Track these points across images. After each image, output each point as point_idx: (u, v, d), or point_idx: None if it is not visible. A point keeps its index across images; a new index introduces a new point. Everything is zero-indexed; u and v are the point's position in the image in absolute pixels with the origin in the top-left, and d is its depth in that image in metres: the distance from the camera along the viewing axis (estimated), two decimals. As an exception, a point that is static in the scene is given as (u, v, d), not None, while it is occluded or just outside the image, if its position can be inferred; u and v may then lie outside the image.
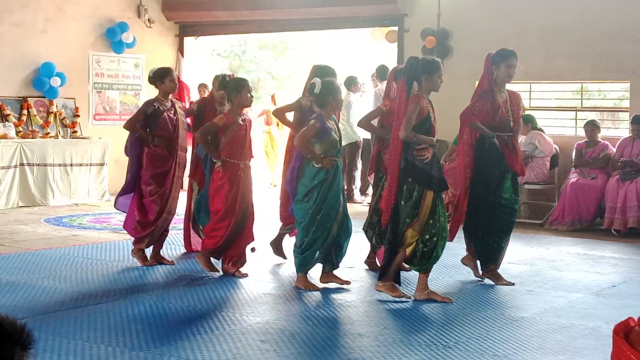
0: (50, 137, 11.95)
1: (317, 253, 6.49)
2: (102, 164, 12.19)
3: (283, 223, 7.57)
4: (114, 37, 13.09)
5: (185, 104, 13.13)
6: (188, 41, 14.36)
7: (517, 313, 5.94)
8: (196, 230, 7.91)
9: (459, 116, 6.86)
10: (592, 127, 10.30)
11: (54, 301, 6.04)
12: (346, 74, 12.75)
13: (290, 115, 7.73)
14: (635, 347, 2.76)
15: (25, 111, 11.97)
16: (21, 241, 8.61)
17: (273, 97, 15.89)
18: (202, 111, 7.71)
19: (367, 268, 7.35)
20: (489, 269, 6.88)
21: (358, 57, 19.54)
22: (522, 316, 5.83)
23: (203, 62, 15.12)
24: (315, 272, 6.69)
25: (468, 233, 6.92)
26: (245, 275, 6.97)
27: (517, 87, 10.92)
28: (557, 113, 11.58)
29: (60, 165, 11.67)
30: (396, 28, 12.42)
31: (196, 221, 7.82)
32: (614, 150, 10.19)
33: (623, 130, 11.41)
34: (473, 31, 11.46)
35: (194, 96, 13.72)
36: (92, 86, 13.05)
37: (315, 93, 6.54)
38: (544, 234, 9.77)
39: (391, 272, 6.21)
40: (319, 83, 6.51)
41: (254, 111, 14.76)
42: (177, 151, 7.40)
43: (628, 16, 10.43)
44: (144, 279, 6.91)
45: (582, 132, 10.52)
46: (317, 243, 6.46)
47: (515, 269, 7.39)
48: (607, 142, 10.31)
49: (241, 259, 7.05)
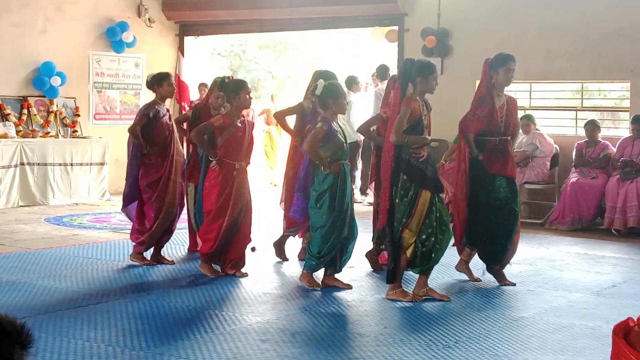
0: (50, 137, 11.95)
1: (330, 256, 6.51)
2: (103, 164, 12.19)
3: (288, 226, 7.53)
4: (114, 37, 13.08)
5: (185, 105, 13.18)
6: (188, 40, 14.35)
7: (518, 313, 5.95)
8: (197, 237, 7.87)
9: (459, 124, 6.86)
10: (593, 127, 10.29)
11: (54, 300, 6.05)
12: (346, 74, 12.75)
13: (291, 118, 7.71)
14: (634, 347, 2.76)
15: (25, 110, 11.97)
16: (21, 240, 8.61)
17: (272, 97, 15.87)
18: (198, 117, 7.66)
19: (368, 265, 7.34)
20: (494, 269, 6.89)
21: (358, 57, 19.53)
22: (523, 316, 5.84)
23: (203, 62, 15.12)
24: (318, 272, 6.68)
25: (469, 237, 6.90)
26: (245, 274, 6.96)
27: (517, 87, 10.94)
28: (557, 113, 11.58)
29: (60, 164, 11.67)
30: (396, 28, 12.41)
31: (198, 225, 7.77)
32: (614, 150, 10.19)
33: (623, 130, 11.41)
34: (473, 31, 11.45)
35: (194, 95, 13.72)
36: (93, 86, 13.04)
37: (316, 94, 6.53)
38: (544, 234, 9.77)
39: (398, 279, 6.21)
40: (321, 85, 6.50)
41: (255, 110, 14.72)
42: (174, 156, 7.40)
43: (628, 16, 10.43)
44: (144, 279, 6.91)
45: (583, 132, 10.51)
46: (335, 248, 6.48)
47: (515, 269, 7.39)
48: (608, 142, 10.30)
49: (241, 261, 7.03)
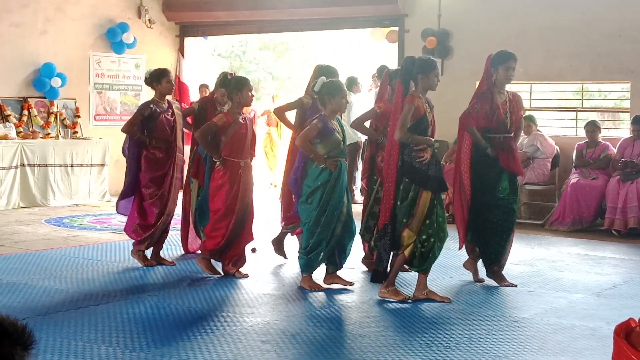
0: (50, 138, 11.95)
1: (322, 254, 6.49)
2: (103, 165, 12.19)
3: (286, 223, 7.54)
4: (115, 38, 13.09)
5: (184, 105, 13.15)
6: (190, 41, 14.35)
7: (518, 314, 5.94)
8: (197, 231, 7.87)
9: (459, 119, 6.84)
10: (593, 128, 10.29)
11: (55, 302, 6.05)
12: (347, 75, 12.75)
13: (291, 114, 7.72)
14: (636, 348, 2.75)
15: (25, 112, 11.97)
16: (22, 242, 8.61)
17: (274, 98, 15.86)
18: (203, 110, 7.68)
19: (366, 270, 7.34)
20: (493, 270, 6.88)
21: (358, 58, 19.52)
22: (523, 317, 5.83)
23: (204, 63, 15.12)
24: (318, 273, 6.68)
25: (469, 236, 6.90)
26: (245, 275, 6.96)
27: (518, 88, 10.93)
28: (558, 113, 11.58)
29: (60, 165, 11.67)
30: (396, 28, 12.41)
31: (198, 223, 7.77)
32: (615, 150, 10.19)
33: (624, 130, 11.40)
34: (473, 32, 11.46)
35: (194, 96, 13.71)
36: (93, 87, 13.05)
37: (314, 91, 6.54)
38: (545, 235, 9.76)
39: (392, 277, 6.21)
40: (320, 82, 6.49)
41: (257, 111, 14.70)
42: (175, 153, 7.39)
43: (628, 16, 10.43)
44: (145, 280, 6.91)
45: (583, 133, 10.51)
46: (322, 244, 6.44)
47: (515, 270, 7.39)
48: (608, 143, 10.30)
49: (241, 259, 7.04)
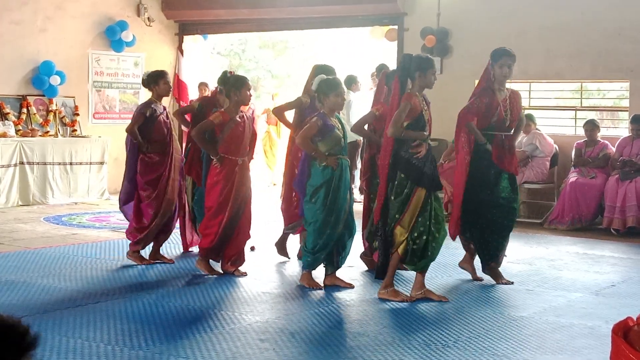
0: (49, 136, 11.94)
1: (326, 253, 6.50)
2: (102, 163, 12.19)
3: (285, 223, 7.53)
4: (114, 36, 13.08)
5: (183, 104, 13.15)
6: (189, 40, 14.33)
7: (517, 312, 5.95)
8: (196, 229, 7.87)
9: (458, 115, 6.84)
10: (592, 127, 10.29)
11: (54, 300, 6.05)
12: (346, 73, 12.75)
13: (290, 113, 7.72)
14: (634, 347, 2.76)
15: (24, 110, 11.97)
16: (21, 240, 8.61)
17: (273, 96, 15.85)
18: (203, 109, 7.68)
19: (365, 267, 7.32)
20: (490, 267, 6.88)
21: (358, 56, 19.51)
22: (522, 315, 5.84)
23: (203, 61, 15.11)
24: (318, 271, 6.68)
25: (467, 233, 6.90)
26: (244, 274, 6.96)
27: (517, 87, 10.92)
28: (557, 112, 11.58)
29: (59, 163, 11.67)
30: (396, 27, 12.41)
31: (197, 220, 7.78)
32: (614, 149, 10.19)
33: (622, 129, 11.40)
34: (473, 31, 11.45)
35: (193, 95, 13.70)
36: (92, 85, 13.04)
37: (313, 90, 6.56)
38: (544, 233, 9.77)
39: (389, 277, 6.20)
40: (317, 81, 6.50)
41: (256, 109, 14.66)
42: (172, 154, 7.40)
43: (628, 16, 10.43)
44: (144, 278, 6.91)
45: (582, 132, 10.51)
46: (330, 244, 6.46)
47: (514, 268, 7.39)
48: (607, 142, 10.30)
49: (240, 258, 7.03)
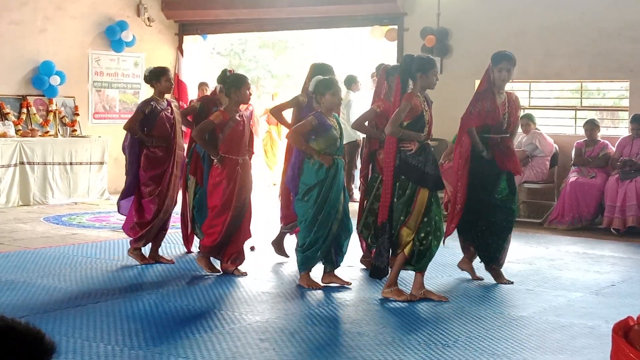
0: (49, 136, 11.94)
1: (319, 252, 6.50)
2: (102, 163, 12.19)
3: (284, 222, 7.54)
4: (114, 36, 13.08)
5: (184, 104, 13.13)
6: (189, 40, 14.33)
7: (517, 312, 5.95)
8: (194, 229, 7.83)
9: (460, 119, 6.84)
10: (592, 126, 10.29)
11: (53, 300, 6.05)
12: (346, 73, 12.75)
13: (288, 113, 7.72)
14: (634, 346, 2.76)
15: (24, 110, 11.96)
16: (20, 240, 8.61)
17: (273, 96, 15.84)
18: (205, 109, 7.68)
19: (364, 267, 7.33)
20: (492, 268, 6.88)
21: (357, 56, 19.51)
22: (522, 315, 5.84)
23: (203, 61, 15.10)
24: (317, 272, 6.68)
25: (466, 234, 6.89)
26: (244, 274, 6.96)
27: (517, 87, 10.94)
28: (557, 112, 11.58)
29: (59, 163, 11.67)
30: (396, 27, 12.40)
31: (196, 220, 7.74)
32: (614, 149, 10.19)
33: (622, 129, 11.40)
34: (473, 30, 11.45)
35: (193, 95, 13.69)
36: (92, 85, 13.04)
37: (310, 90, 6.58)
38: (544, 233, 9.77)
39: (394, 276, 6.20)
40: (315, 81, 6.52)
41: (256, 108, 14.64)
42: (175, 150, 7.40)
43: (627, 16, 10.43)
44: (143, 278, 6.91)
45: (582, 131, 10.51)
46: (319, 242, 6.45)
47: (514, 268, 7.39)
48: (607, 141, 10.30)
49: (240, 257, 7.04)
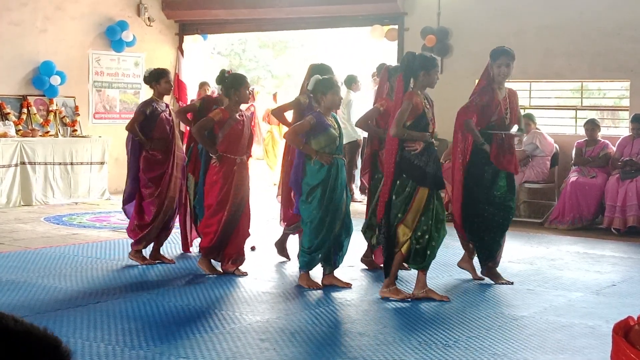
0: (50, 136, 11.94)
1: (322, 253, 6.50)
2: (102, 163, 12.18)
3: (287, 223, 7.53)
4: (114, 36, 13.07)
5: (182, 105, 13.13)
6: (189, 40, 14.32)
7: (517, 312, 5.94)
8: (196, 228, 7.83)
9: (457, 113, 6.84)
10: (592, 126, 10.29)
11: (54, 300, 6.05)
12: (346, 73, 12.75)
13: (289, 114, 7.72)
14: (635, 346, 2.76)
15: (25, 110, 11.96)
16: (21, 240, 8.61)
17: (275, 96, 15.84)
18: (205, 109, 7.68)
19: (365, 268, 7.33)
20: (488, 267, 6.88)
21: (358, 56, 19.52)
22: (522, 315, 5.84)
23: (203, 61, 15.10)
24: (316, 272, 6.68)
25: (466, 232, 6.89)
26: (244, 274, 6.96)
27: (517, 86, 10.92)
28: (557, 112, 11.58)
29: (60, 163, 11.66)
30: (396, 27, 12.40)
31: (197, 220, 7.74)
32: (614, 149, 10.18)
33: (623, 129, 11.40)
34: (473, 30, 11.45)
35: (193, 95, 13.69)
36: (92, 85, 13.04)
37: (309, 90, 6.59)
38: (544, 233, 9.76)
39: (392, 276, 6.20)
40: (313, 80, 6.53)
41: (257, 108, 14.61)
42: (175, 152, 7.40)
43: (627, 15, 10.42)
44: (144, 278, 6.91)
45: (582, 131, 10.51)
46: (326, 244, 6.47)
47: (515, 268, 7.39)
48: (607, 141, 10.30)
49: (240, 257, 7.03)
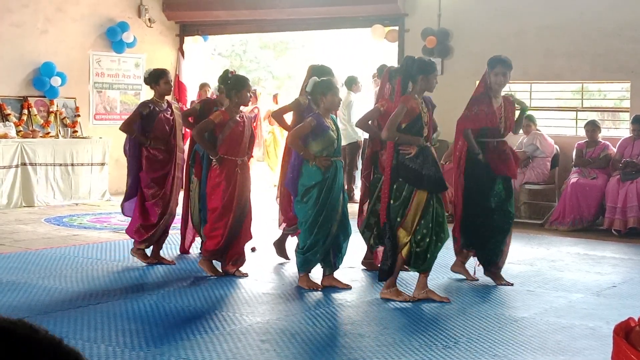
0: (50, 137, 11.94)
1: (318, 254, 6.49)
2: (103, 164, 12.19)
3: (287, 224, 7.53)
4: (115, 37, 13.08)
5: (183, 106, 13.12)
6: (190, 41, 14.32)
7: (518, 313, 5.94)
8: (198, 231, 7.79)
9: (456, 122, 6.85)
10: (593, 127, 10.28)
11: (54, 301, 6.05)
12: (346, 74, 12.76)
13: (289, 115, 7.73)
14: (635, 348, 2.76)
15: (25, 111, 11.96)
16: (21, 241, 8.61)
17: (275, 97, 15.83)
18: (204, 111, 7.68)
19: (365, 268, 7.34)
20: (491, 271, 6.88)
21: (358, 57, 19.52)
22: (523, 316, 5.83)
23: (204, 62, 15.10)
24: (316, 273, 6.68)
25: (464, 237, 6.89)
26: (245, 275, 6.96)
27: (517, 87, 10.94)
28: (558, 113, 11.58)
29: (60, 165, 11.67)
30: (396, 28, 12.40)
31: (202, 222, 7.67)
32: (615, 150, 10.18)
33: (623, 130, 11.41)
34: (473, 31, 11.45)
35: (193, 96, 13.69)
36: (93, 86, 13.04)
37: (307, 91, 6.58)
38: (545, 234, 9.76)
39: (393, 277, 6.20)
40: (312, 82, 6.53)
41: (260, 109, 14.61)
42: (176, 152, 7.40)
43: (627, 16, 10.42)
44: (144, 279, 6.91)
45: (583, 132, 10.50)
46: (319, 244, 6.46)
47: (515, 269, 7.39)
48: (608, 142, 10.30)
49: (241, 258, 7.04)
